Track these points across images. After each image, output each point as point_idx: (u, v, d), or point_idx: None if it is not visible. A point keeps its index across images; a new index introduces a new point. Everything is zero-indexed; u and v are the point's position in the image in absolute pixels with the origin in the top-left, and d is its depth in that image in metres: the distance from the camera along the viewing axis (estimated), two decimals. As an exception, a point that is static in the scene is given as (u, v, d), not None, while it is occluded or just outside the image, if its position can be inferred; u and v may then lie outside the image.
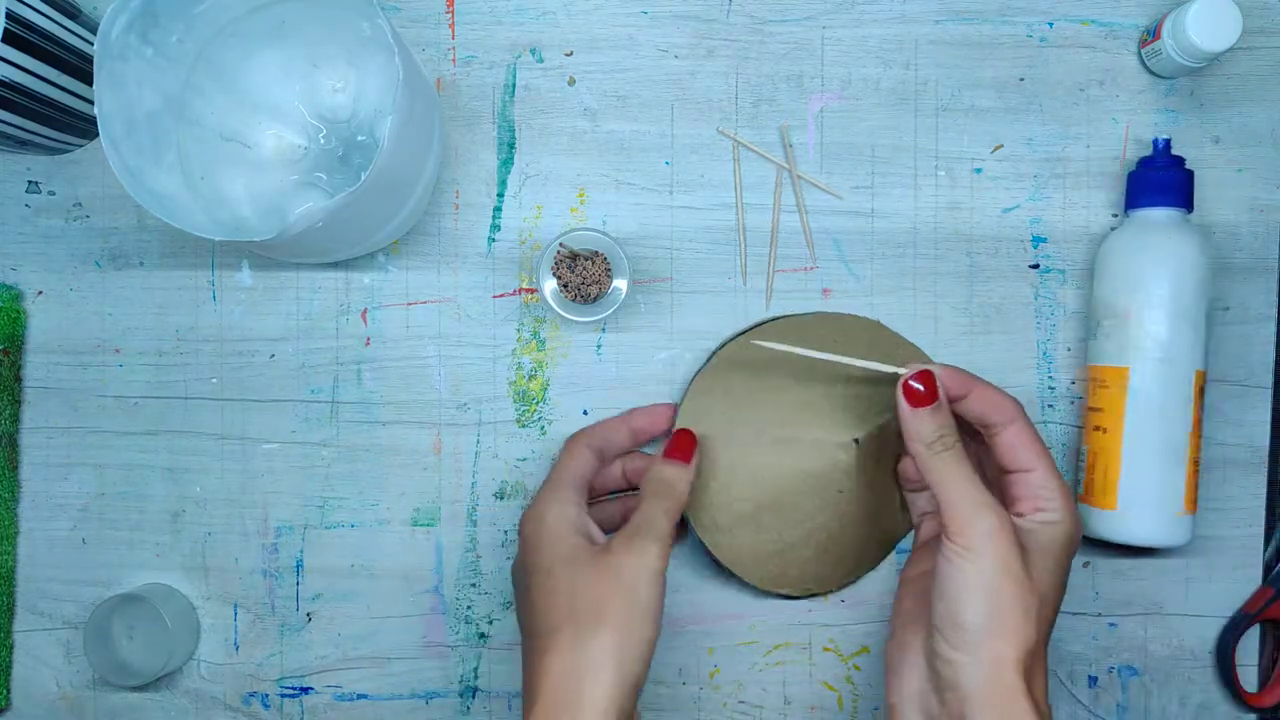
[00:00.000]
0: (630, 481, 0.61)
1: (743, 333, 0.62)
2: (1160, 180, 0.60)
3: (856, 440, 0.61)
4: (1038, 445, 0.54)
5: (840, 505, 0.61)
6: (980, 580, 0.49)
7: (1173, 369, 0.58)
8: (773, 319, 0.63)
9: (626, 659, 0.49)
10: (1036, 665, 0.50)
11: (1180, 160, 0.60)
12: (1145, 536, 0.59)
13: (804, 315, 0.63)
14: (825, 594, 0.64)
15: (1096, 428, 0.60)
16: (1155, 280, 0.58)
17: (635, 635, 0.50)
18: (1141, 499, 0.59)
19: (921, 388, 0.53)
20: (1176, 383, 0.58)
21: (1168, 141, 0.61)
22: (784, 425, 0.61)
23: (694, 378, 0.62)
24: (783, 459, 0.61)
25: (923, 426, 0.53)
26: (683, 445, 0.58)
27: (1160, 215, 0.60)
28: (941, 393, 0.53)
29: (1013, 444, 0.54)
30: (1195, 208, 0.61)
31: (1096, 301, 0.61)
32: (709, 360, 0.62)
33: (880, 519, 0.63)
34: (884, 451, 0.62)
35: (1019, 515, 0.53)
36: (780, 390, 0.61)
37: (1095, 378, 0.61)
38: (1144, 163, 0.61)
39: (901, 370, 0.54)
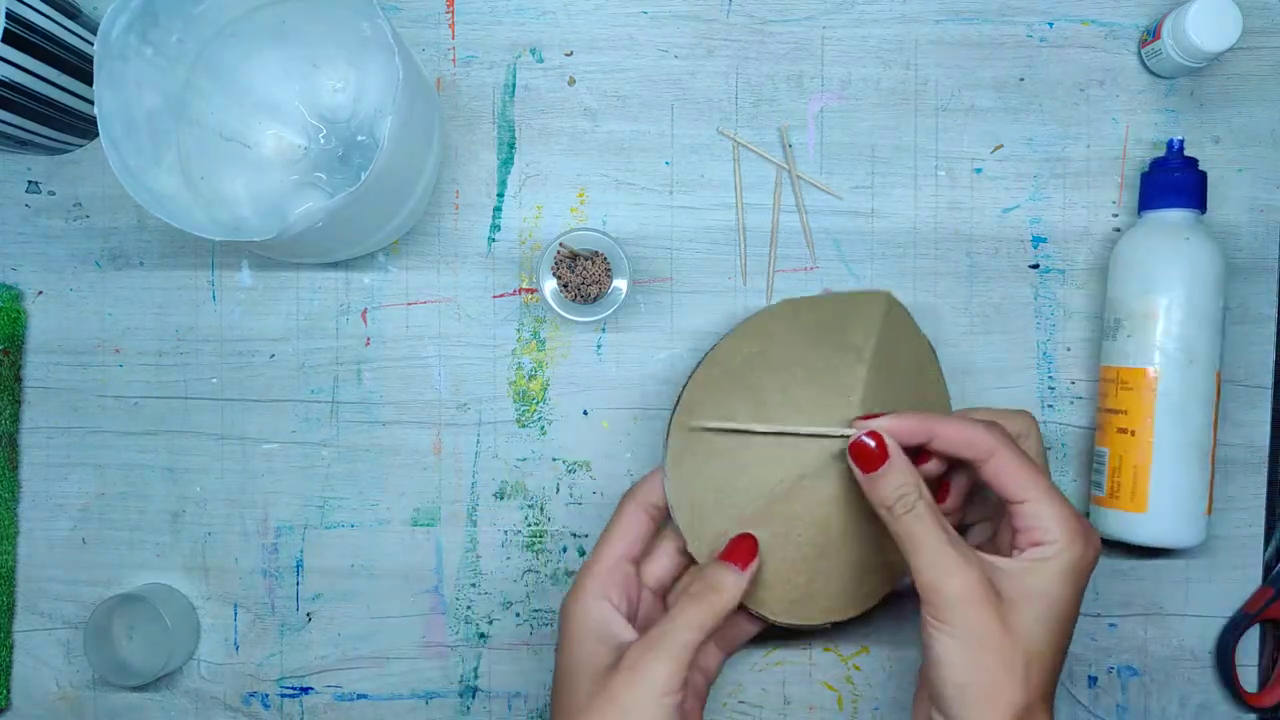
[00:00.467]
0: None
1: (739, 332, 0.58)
2: (1179, 181, 0.60)
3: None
4: (1025, 473, 0.50)
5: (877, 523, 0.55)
6: (955, 650, 0.47)
7: (1197, 370, 0.58)
8: (775, 305, 0.59)
9: None
10: (1039, 702, 0.47)
11: (1193, 161, 0.60)
12: (1172, 539, 0.59)
13: (814, 297, 0.60)
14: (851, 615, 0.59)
15: (1121, 430, 0.60)
16: (1178, 282, 0.58)
17: None
18: (1170, 501, 0.58)
19: (872, 444, 0.50)
20: (1201, 383, 0.59)
21: (1182, 142, 0.60)
22: (781, 478, 0.55)
23: (670, 429, 0.56)
24: (795, 510, 0.55)
25: (878, 490, 0.50)
26: (743, 550, 0.52)
27: (1179, 216, 0.60)
28: (894, 448, 0.50)
29: (997, 477, 0.50)
30: (1206, 209, 0.61)
31: (1113, 303, 0.61)
32: (675, 408, 0.56)
33: None
34: (893, 375, 0.57)
35: (1016, 551, 0.50)
36: (761, 463, 0.55)
37: (1115, 379, 0.60)
38: (1159, 164, 0.61)
39: (849, 432, 0.52)
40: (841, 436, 0.53)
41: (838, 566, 0.56)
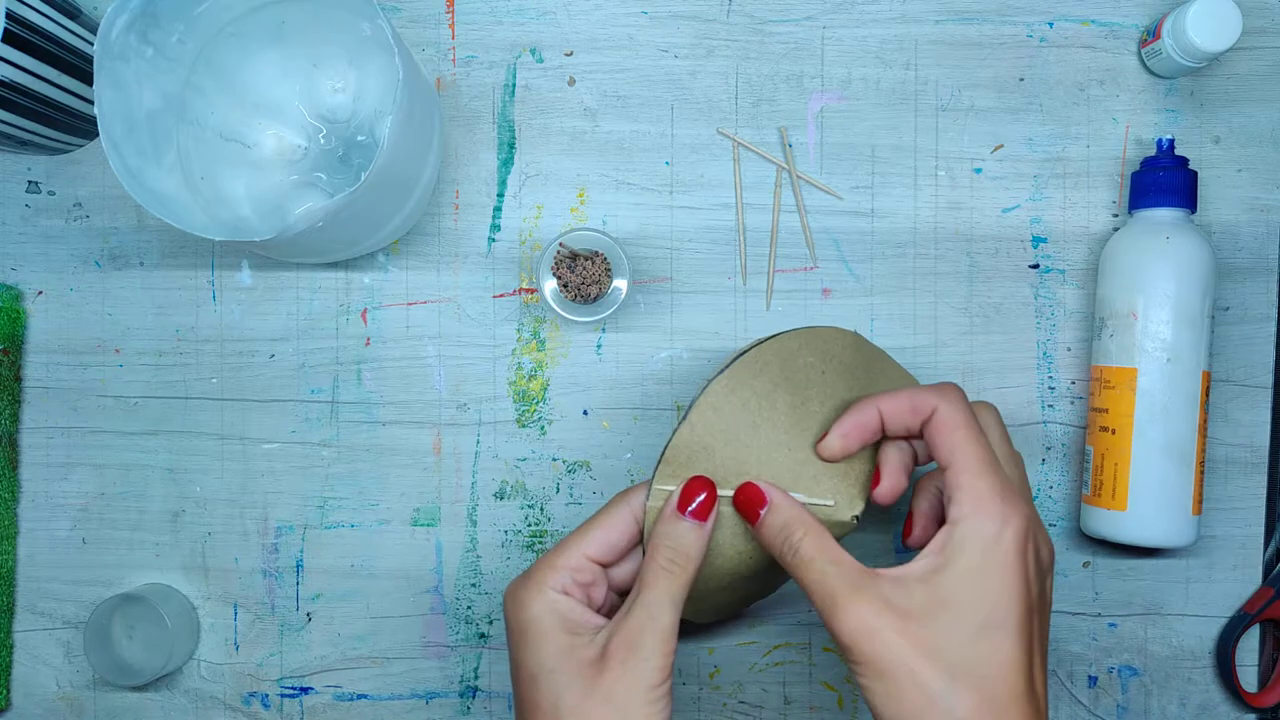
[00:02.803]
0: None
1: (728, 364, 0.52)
2: (1164, 180, 0.60)
3: (856, 518, 0.51)
4: (958, 434, 0.46)
5: None
6: (873, 693, 0.43)
7: (1180, 369, 0.58)
8: (742, 352, 0.52)
9: None
10: (986, 714, 0.42)
11: (1184, 160, 0.60)
12: (1155, 537, 0.59)
13: (781, 336, 0.52)
14: None
15: (1103, 428, 0.60)
16: (1161, 281, 0.58)
17: None
18: (1151, 500, 0.59)
19: (744, 497, 0.48)
20: (1184, 383, 0.59)
21: (1171, 141, 0.60)
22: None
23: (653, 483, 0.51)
24: (752, 544, 0.51)
25: (764, 536, 0.48)
26: (705, 504, 0.49)
27: (1165, 215, 0.60)
28: (769, 490, 0.48)
29: (932, 439, 0.47)
30: (1197, 208, 0.61)
31: (1100, 302, 0.61)
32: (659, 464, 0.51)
33: None
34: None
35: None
36: (766, 456, 0.50)
37: (1100, 378, 0.61)
38: (1148, 163, 0.61)
39: (828, 503, 0.50)
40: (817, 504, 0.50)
41: (742, 589, 0.55)
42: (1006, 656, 0.43)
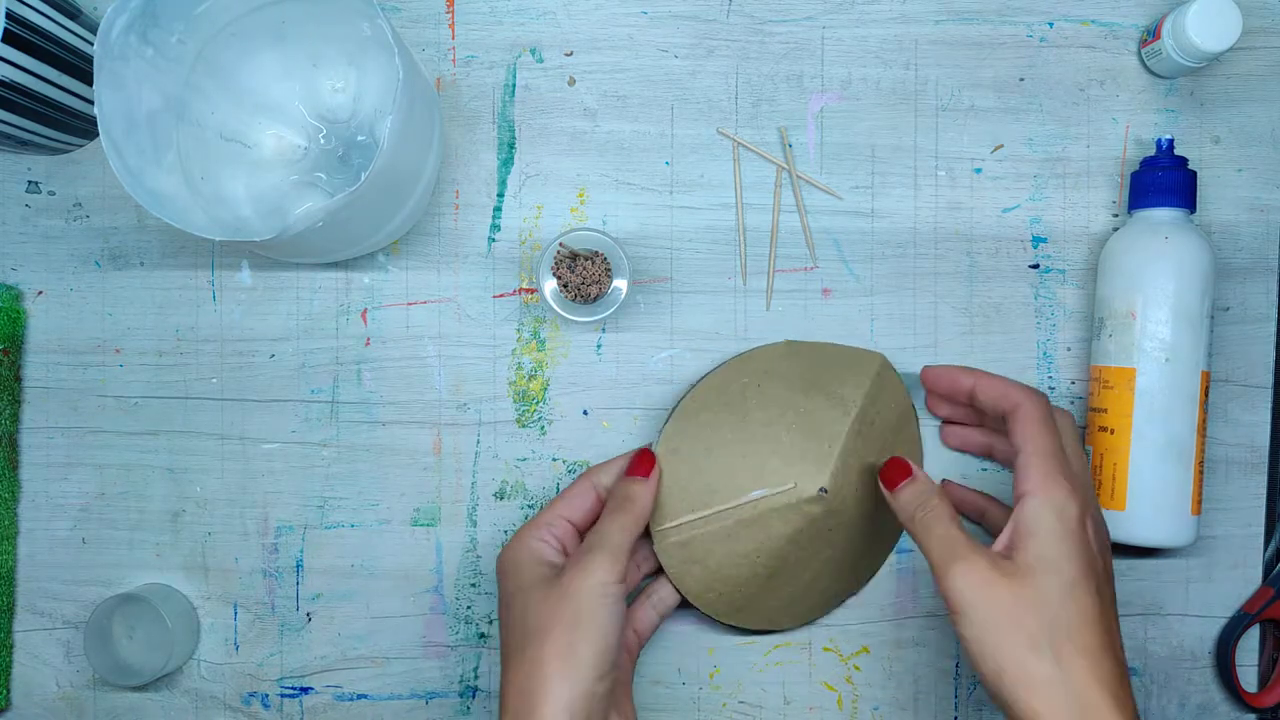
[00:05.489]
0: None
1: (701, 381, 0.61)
2: (1164, 180, 0.60)
3: (823, 490, 0.58)
4: (1032, 427, 0.53)
5: (834, 553, 0.60)
6: (974, 642, 0.49)
7: (1179, 369, 0.58)
8: (778, 344, 0.62)
9: (574, 672, 0.51)
10: (1080, 661, 0.48)
11: (1183, 160, 0.60)
12: (1153, 537, 0.59)
13: (815, 343, 0.63)
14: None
15: (1102, 428, 0.60)
16: (1161, 280, 0.58)
17: (582, 649, 0.51)
18: (1150, 500, 0.59)
19: (890, 468, 0.56)
20: (1183, 384, 0.59)
21: (1171, 141, 0.60)
22: (743, 505, 0.59)
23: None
24: (758, 538, 0.59)
25: (900, 500, 0.55)
26: (642, 463, 0.58)
27: (1164, 215, 0.60)
28: (914, 467, 0.56)
29: (1014, 431, 0.54)
30: (1196, 208, 0.61)
31: (1099, 302, 0.61)
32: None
33: (878, 536, 0.63)
34: (854, 478, 0.59)
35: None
36: (728, 471, 0.59)
37: (1099, 378, 0.61)
38: (1147, 163, 0.61)
39: (789, 485, 0.58)
40: (787, 490, 0.58)
41: (782, 590, 0.61)
42: (1093, 612, 0.49)
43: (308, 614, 0.64)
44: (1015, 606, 0.48)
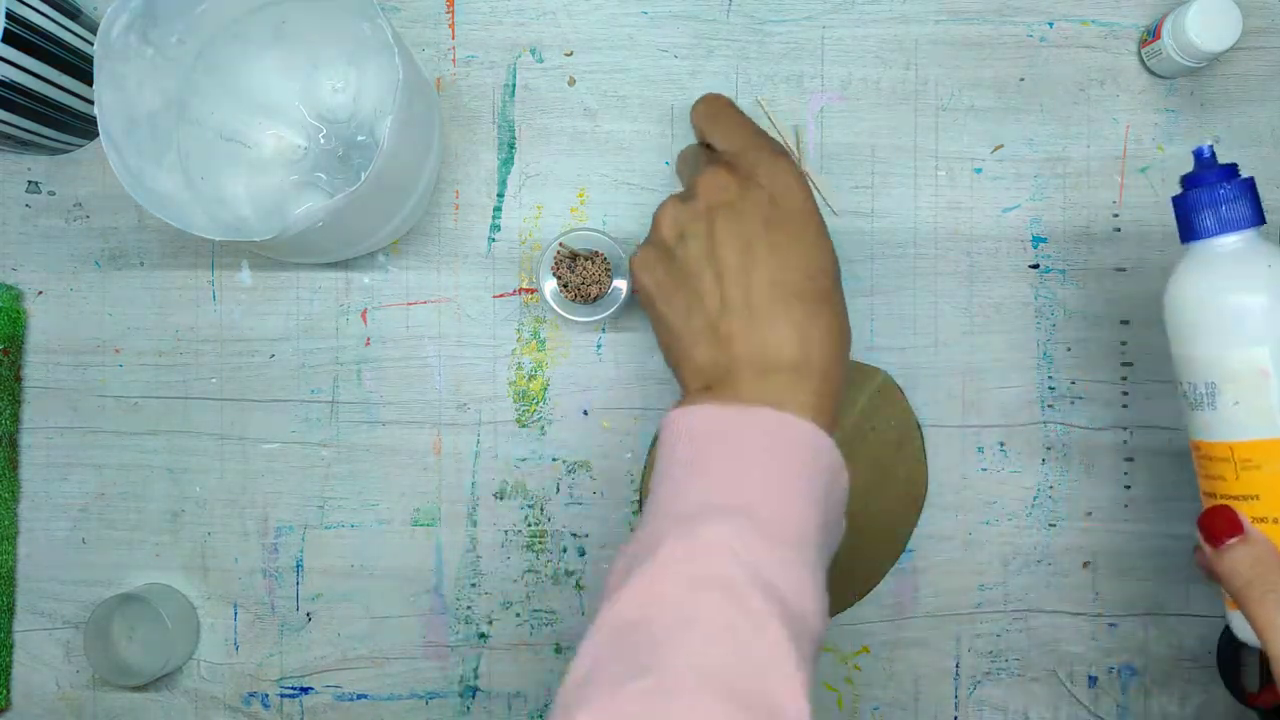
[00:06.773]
0: None
1: None
2: (1225, 198, 0.48)
3: None
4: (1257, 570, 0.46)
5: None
6: None
7: None
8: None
9: None
10: None
11: (1233, 168, 0.49)
12: None
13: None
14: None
15: (1259, 520, 0.48)
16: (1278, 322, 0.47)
17: None
18: None
19: (1215, 519, 0.47)
20: None
21: (1212, 149, 0.50)
22: None
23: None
24: None
25: (1225, 564, 0.46)
26: None
27: (1234, 242, 0.48)
28: (1245, 521, 0.47)
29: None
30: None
31: (1191, 363, 0.49)
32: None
33: (870, 550, 0.62)
34: (859, 446, 0.58)
35: None
36: None
37: (1230, 458, 0.48)
38: (1193, 180, 0.49)
39: None
40: None
41: None
42: None
43: (308, 614, 0.64)
44: None
